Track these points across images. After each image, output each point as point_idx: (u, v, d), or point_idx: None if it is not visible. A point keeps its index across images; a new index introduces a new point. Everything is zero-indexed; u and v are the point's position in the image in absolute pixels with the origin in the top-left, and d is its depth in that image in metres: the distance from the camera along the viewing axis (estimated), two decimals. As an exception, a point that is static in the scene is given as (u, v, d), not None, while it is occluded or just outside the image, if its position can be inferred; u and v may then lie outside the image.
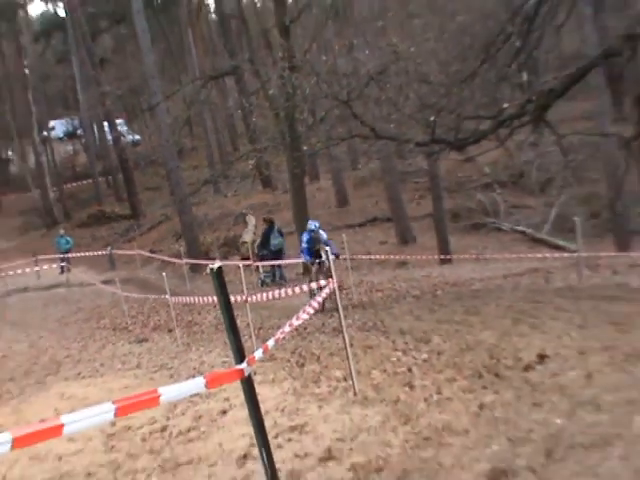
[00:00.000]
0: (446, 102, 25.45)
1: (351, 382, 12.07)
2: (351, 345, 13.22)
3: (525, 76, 29.74)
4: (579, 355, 11.84)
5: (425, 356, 13.67)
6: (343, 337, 12.37)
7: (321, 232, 24.24)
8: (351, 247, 24.94)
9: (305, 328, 17.26)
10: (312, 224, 24.26)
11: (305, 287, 17.28)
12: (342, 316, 12.56)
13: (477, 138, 27.09)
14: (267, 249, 32.71)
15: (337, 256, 22.46)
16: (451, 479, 7.97)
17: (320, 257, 23.84)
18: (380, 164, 44.55)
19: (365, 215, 45.94)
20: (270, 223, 34.25)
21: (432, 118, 25.43)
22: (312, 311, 14.41)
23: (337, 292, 12.46)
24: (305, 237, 24.19)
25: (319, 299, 18.02)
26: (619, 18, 30.35)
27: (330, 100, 27.21)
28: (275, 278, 31.99)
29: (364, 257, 27.76)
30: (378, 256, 30.86)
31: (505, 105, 26.67)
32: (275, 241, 33.33)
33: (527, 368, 11.61)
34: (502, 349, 13.05)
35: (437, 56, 26.19)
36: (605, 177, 34.46)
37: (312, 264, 24.18)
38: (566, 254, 23.36)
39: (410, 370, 12.78)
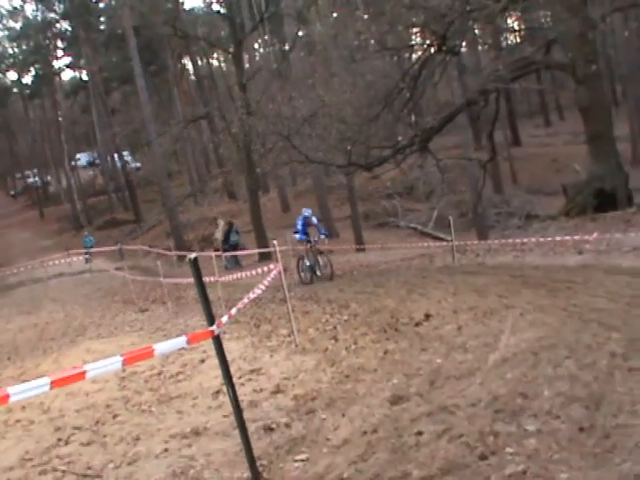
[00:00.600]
0: (358, 136, 25.75)
1: (293, 337, 12.18)
2: (293, 311, 13.27)
3: (413, 118, 30.00)
4: (453, 314, 11.99)
5: (346, 317, 13.77)
6: (287, 305, 12.50)
7: (313, 218, 22.61)
8: (292, 241, 24.84)
9: (260, 299, 17.22)
10: (306, 211, 22.58)
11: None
12: (286, 290, 12.68)
13: (380, 162, 27.50)
14: (228, 244, 32.94)
15: (326, 236, 22.91)
16: (364, 403, 8.07)
17: (311, 238, 22.23)
18: (312, 181, 44.72)
19: (302, 217, 46.02)
20: (230, 225, 34.58)
21: (349, 148, 25.82)
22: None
23: (282, 273, 12.55)
24: (300, 221, 22.31)
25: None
26: (476, 78, 30.61)
27: (276, 136, 27.49)
28: (234, 264, 32.12)
29: (302, 247, 27.86)
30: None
31: (399, 138, 27.03)
32: (233, 238, 33.86)
33: (417, 324, 11.73)
34: (400, 311, 13.15)
35: (351, 104, 26.40)
36: (469, 189, 34.79)
37: (307, 242, 22.24)
38: (444, 243, 23.50)
39: (335, 328, 12.90)
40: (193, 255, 6.36)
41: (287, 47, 47.92)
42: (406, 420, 7.25)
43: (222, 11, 46.89)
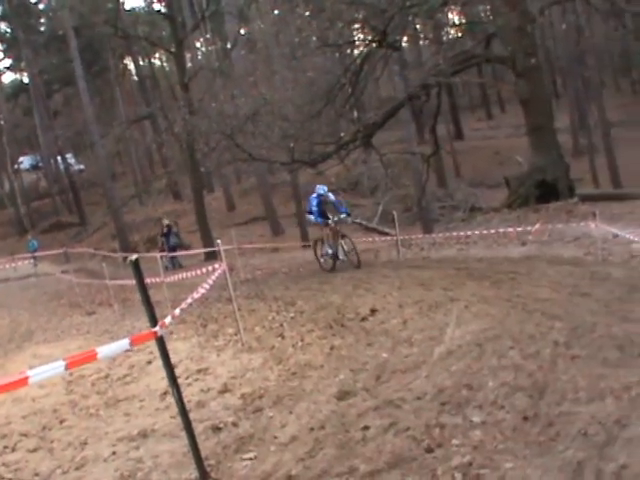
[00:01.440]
0: (301, 133, 25.74)
1: (240, 336, 12.15)
2: (239, 310, 13.25)
3: (355, 113, 30.09)
4: (398, 308, 12.05)
5: (292, 315, 13.76)
6: (233, 304, 12.47)
7: (330, 195, 19.69)
8: (238, 239, 24.73)
9: (207, 299, 17.14)
10: (320, 188, 19.72)
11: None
12: (232, 289, 12.63)
13: (324, 158, 27.47)
14: (167, 245, 32.88)
15: (348, 214, 20.01)
16: (311, 400, 8.08)
17: (329, 218, 19.44)
18: (257, 179, 44.69)
19: (247, 216, 45.95)
20: (168, 227, 34.44)
21: (291, 145, 25.81)
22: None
23: (227, 272, 12.50)
24: (314, 201, 19.59)
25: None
26: (417, 73, 30.75)
27: (219, 135, 27.36)
28: (174, 265, 31.97)
29: (248, 246, 27.75)
30: (258, 245, 30.91)
31: (342, 134, 27.06)
32: (173, 240, 33.68)
33: (363, 319, 11.77)
34: (346, 307, 13.17)
35: (293, 101, 26.35)
36: (413, 183, 34.92)
37: (325, 225, 19.44)
38: (389, 237, 23.59)
39: (282, 325, 12.87)
40: (134, 256, 6.31)
41: (229, 45, 47.82)
42: (353, 415, 7.28)
43: (163, 10, 46.57)
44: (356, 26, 31.02)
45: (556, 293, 11.01)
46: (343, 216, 19.49)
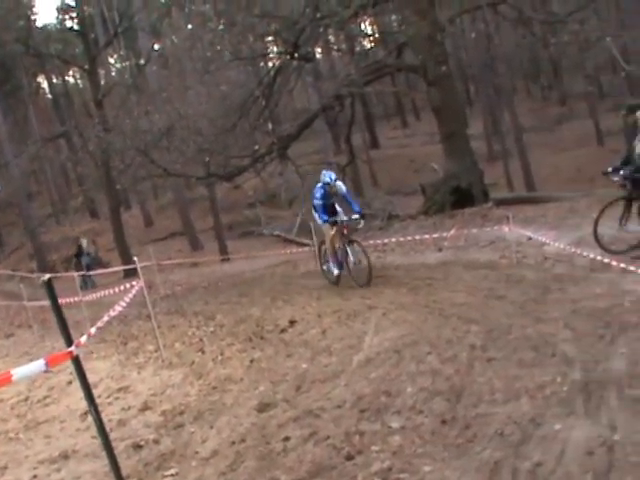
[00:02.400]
0: (216, 147, 25.71)
1: (160, 353, 12.08)
2: (159, 326, 13.19)
3: (270, 126, 30.10)
4: (317, 318, 12.10)
5: (212, 329, 13.75)
6: (152, 321, 12.39)
7: (339, 184, 15.53)
8: (157, 255, 24.52)
9: (127, 316, 17.02)
10: (327, 175, 15.55)
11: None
12: (150, 306, 12.57)
13: (240, 171, 27.46)
14: (80, 264, 32.64)
15: (363, 216, 15.77)
16: (232, 413, 8.10)
17: (336, 215, 15.66)
18: (174, 194, 44.49)
19: (166, 231, 45.65)
20: (79, 247, 34.19)
21: (207, 159, 25.74)
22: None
23: (145, 289, 12.41)
24: (318, 193, 15.60)
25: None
26: (331, 83, 30.90)
27: (134, 151, 27.19)
28: (88, 285, 31.63)
29: (167, 262, 27.55)
30: (177, 260, 30.72)
31: (257, 147, 27.07)
32: (85, 260, 33.37)
33: (282, 331, 11.81)
34: (265, 319, 13.19)
35: (207, 115, 26.30)
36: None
37: (332, 225, 15.38)
38: (307, 248, 23.60)
39: (202, 340, 12.86)
40: (46, 276, 6.24)
41: (142, 61, 47.58)
42: (273, 427, 7.31)
43: (75, 27, 46.09)
44: (268, 39, 31.09)
45: (472, 297, 11.17)
46: (355, 217, 15.39)
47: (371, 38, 43.82)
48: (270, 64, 29.58)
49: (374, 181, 49.10)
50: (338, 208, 15.91)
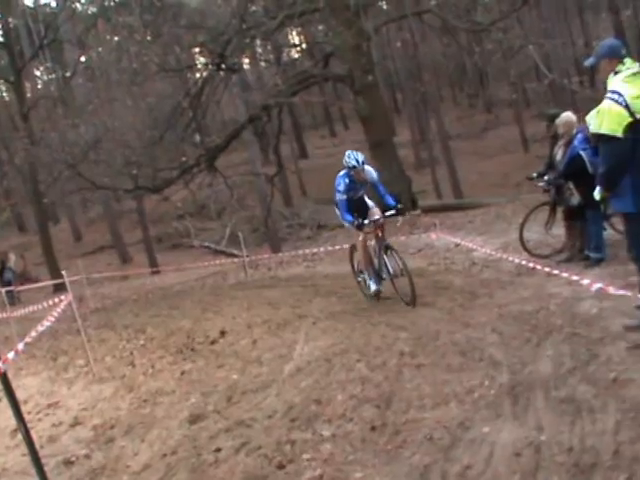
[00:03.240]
0: (144, 159, 25.60)
1: (90, 367, 11.98)
2: (89, 341, 13.09)
3: (198, 137, 30.07)
4: (247, 328, 12.10)
5: (142, 342, 13.65)
6: (82, 335, 12.29)
7: (368, 169, 11.99)
8: (86, 269, 24.25)
9: (57, 331, 16.83)
10: (351, 157, 11.71)
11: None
12: (80, 320, 12.45)
13: (168, 183, 27.35)
14: (2, 280, 32.18)
15: (399, 211, 11.82)
16: (163, 426, 8.07)
17: (365, 214, 12.04)
18: (103, 208, 44.15)
19: (95, 245, 45.28)
20: (2, 263, 33.65)
21: (134, 172, 25.59)
22: None
23: (74, 303, 12.30)
24: (341, 184, 11.87)
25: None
26: (258, 94, 30.93)
27: (61, 164, 26.94)
28: (10, 300, 31.19)
29: (96, 275, 27.26)
30: (106, 274, 30.45)
31: (185, 159, 27.01)
32: (6, 275, 32.88)
33: (213, 342, 11.79)
34: (195, 331, 13.15)
35: (135, 127, 26.19)
36: (259, 203, 35.08)
37: (359, 227, 11.66)
38: (237, 259, 23.57)
39: (132, 353, 12.76)
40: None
41: (68, 74, 47.13)
42: (205, 438, 7.31)
43: (0, 39, 45.44)
44: (195, 50, 31.08)
45: (401, 304, 11.26)
46: (390, 213, 11.78)
47: (298, 48, 44.00)
48: (197, 75, 29.54)
49: (303, 191, 49.17)
50: (369, 202, 12.41)
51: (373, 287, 12.05)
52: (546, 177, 12.32)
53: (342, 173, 11.93)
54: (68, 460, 7.74)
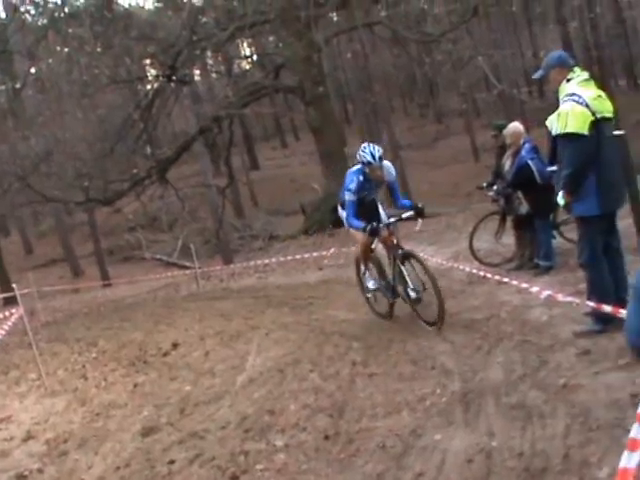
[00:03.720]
0: (95, 172, 25.48)
1: (42, 380, 11.89)
2: (41, 354, 12.97)
3: (149, 149, 29.96)
4: (200, 340, 12.08)
5: (95, 355, 13.56)
6: (34, 349, 12.19)
7: (386, 165, 10.10)
8: (37, 282, 24.00)
9: (7, 344, 16.65)
10: (367, 150, 9.67)
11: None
12: (31, 333, 12.36)
13: (120, 195, 27.23)
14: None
15: (419, 211, 10.04)
16: (116, 439, 8.04)
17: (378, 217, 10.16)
18: (54, 220, 43.79)
19: (46, 258, 44.93)
20: None
21: (86, 184, 25.44)
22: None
23: (24, 317, 12.21)
24: (353, 182, 9.85)
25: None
26: (209, 105, 30.96)
27: (11, 177, 26.74)
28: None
29: (48, 288, 26.99)
30: (58, 287, 30.20)
31: (135, 170, 26.93)
32: None
33: (165, 354, 11.74)
34: (148, 343, 13.10)
35: (86, 139, 26.07)
36: (211, 215, 34.99)
37: (373, 233, 9.75)
38: (188, 271, 23.53)
39: (84, 366, 12.67)
40: None
41: (18, 85, 46.71)
42: (158, 450, 7.30)
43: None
44: (146, 62, 30.99)
45: (353, 314, 11.30)
46: (409, 214, 10.10)
47: (249, 60, 44.02)
48: (148, 87, 29.47)
49: (255, 202, 49.22)
50: (381, 209, 10.48)
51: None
52: (495, 187, 12.45)
53: (355, 169, 10.04)
54: (21, 474, 7.70)
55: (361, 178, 9.77)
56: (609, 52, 50.82)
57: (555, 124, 7.32)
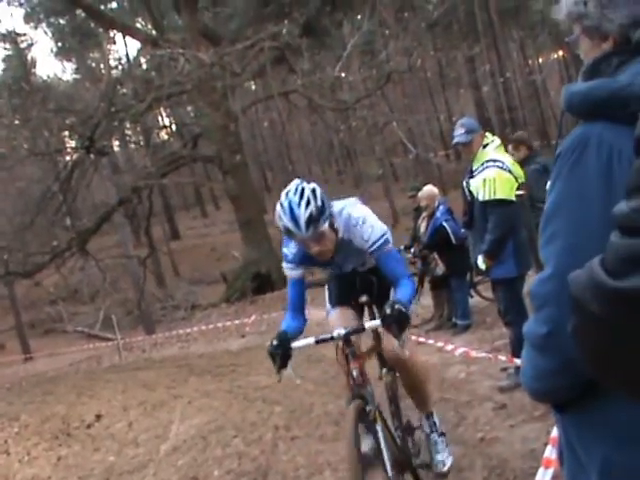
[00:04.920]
0: (14, 245, 25.33)
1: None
2: (-40, 430, 12.85)
3: (69, 221, 29.87)
4: (123, 411, 12.04)
5: (17, 430, 13.40)
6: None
7: (341, 223, 5.16)
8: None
9: None
10: (286, 205, 4.95)
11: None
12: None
13: (40, 268, 27.03)
14: None
15: (389, 322, 4.64)
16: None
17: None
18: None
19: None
20: None
21: (5, 257, 25.26)
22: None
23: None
24: (288, 246, 5.32)
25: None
26: (129, 176, 31.06)
27: None
28: None
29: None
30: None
31: (55, 243, 26.79)
32: None
33: (89, 426, 11.67)
34: (71, 415, 12.98)
35: (5, 212, 25.97)
36: (132, 286, 34.87)
37: (319, 342, 5.00)
38: (110, 342, 23.38)
39: (6, 442, 12.51)
40: None
41: None
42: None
43: None
44: (65, 133, 30.98)
45: (274, 379, 11.40)
46: (371, 325, 5.11)
47: (167, 129, 44.24)
48: (67, 158, 29.44)
49: (176, 272, 49.14)
50: (374, 281, 5.75)
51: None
52: (412, 249, 12.74)
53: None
54: None
55: (295, 244, 5.34)
56: (522, 114, 52.29)
57: (481, 190, 7.53)
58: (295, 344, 5.02)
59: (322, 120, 32.66)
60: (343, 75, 29.56)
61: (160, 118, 49.93)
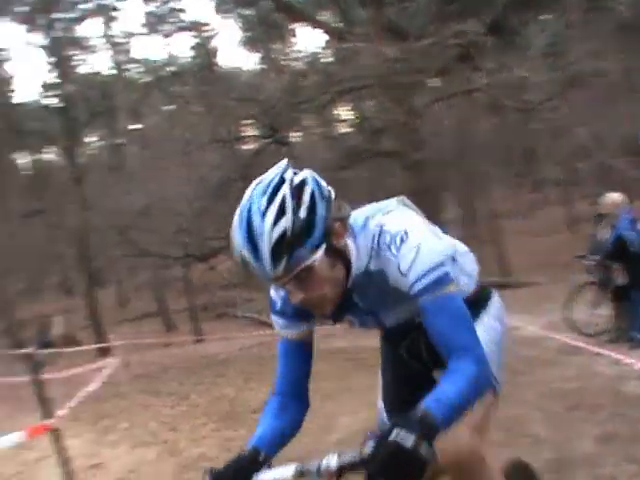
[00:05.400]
0: (193, 228, 25.84)
1: (133, 431, 12.07)
2: (133, 405, 13.20)
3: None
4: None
5: (185, 409, 13.75)
6: (126, 400, 12.40)
7: (361, 242, 3.06)
8: (131, 335, 24.27)
9: (101, 394, 16.87)
10: (243, 217, 2.99)
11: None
12: (124, 385, 12.57)
13: (215, 252, 27.53)
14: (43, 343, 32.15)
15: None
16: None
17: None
18: (150, 274, 44.48)
19: (140, 311, 45.58)
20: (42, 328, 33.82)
21: (186, 240, 25.86)
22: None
23: (120, 368, 12.43)
24: (273, 296, 3.46)
25: None
26: (308, 167, 31.30)
27: (112, 230, 27.36)
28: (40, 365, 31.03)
29: (141, 341, 27.29)
30: (151, 340, 30.56)
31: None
32: (44, 339, 32.76)
33: (255, 411, 11.81)
34: (238, 399, 13.25)
35: (186, 197, 26.53)
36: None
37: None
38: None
39: (175, 419, 12.86)
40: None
41: (121, 141, 47.87)
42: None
43: (55, 105, 46.32)
44: (247, 122, 31.50)
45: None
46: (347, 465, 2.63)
47: (347, 123, 44.45)
48: (248, 147, 29.91)
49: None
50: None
51: None
52: (593, 257, 12.38)
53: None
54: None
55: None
56: None
57: None
58: (261, 477, 2.88)
59: (504, 121, 32.18)
60: (527, 75, 29.06)
61: (340, 111, 50.22)
